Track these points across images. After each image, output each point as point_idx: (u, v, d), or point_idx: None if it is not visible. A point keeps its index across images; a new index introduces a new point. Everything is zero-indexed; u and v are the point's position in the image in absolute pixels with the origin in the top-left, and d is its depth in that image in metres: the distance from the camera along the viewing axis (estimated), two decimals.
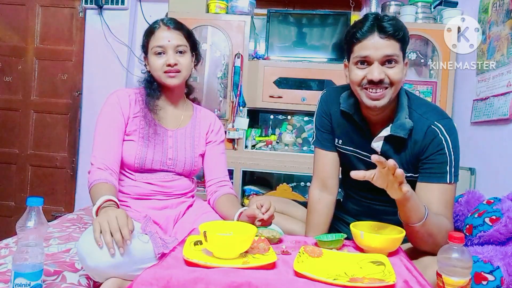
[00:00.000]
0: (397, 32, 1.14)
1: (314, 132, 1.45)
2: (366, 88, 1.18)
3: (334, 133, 1.38)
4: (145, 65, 1.41)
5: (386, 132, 1.23)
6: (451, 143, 1.19)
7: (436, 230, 1.10)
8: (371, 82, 1.16)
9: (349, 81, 1.26)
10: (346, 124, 1.34)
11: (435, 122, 1.20)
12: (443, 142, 1.18)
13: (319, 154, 1.42)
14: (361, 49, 1.16)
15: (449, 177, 1.18)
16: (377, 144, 1.26)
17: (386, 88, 1.17)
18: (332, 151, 1.40)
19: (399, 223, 1.14)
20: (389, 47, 1.14)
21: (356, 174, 1.04)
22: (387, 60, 1.15)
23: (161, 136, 1.37)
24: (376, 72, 1.14)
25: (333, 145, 1.39)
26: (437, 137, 1.19)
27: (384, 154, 1.25)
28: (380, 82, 1.15)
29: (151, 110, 1.35)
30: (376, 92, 1.16)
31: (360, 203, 1.40)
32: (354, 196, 1.42)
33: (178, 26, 1.36)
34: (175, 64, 1.32)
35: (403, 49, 1.19)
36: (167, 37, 1.32)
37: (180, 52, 1.34)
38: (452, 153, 1.18)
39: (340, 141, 1.36)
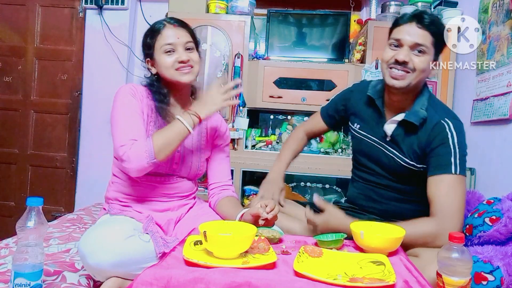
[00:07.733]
0: (433, 26, 1.25)
1: (328, 101, 1.64)
2: (391, 68, 1.27)
3: (349, 118, 1.52)
4: (148, 68, 1.37)
5: (400, 117, 1.32)
6: (457, 139, 1.23)
7: (417, 241, 1.16)
8: (396, 61, 1.26)
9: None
10: (367, 109, 1.44)
11: (445, 119, 1.26)
12: (448, 136, 1.24)
13: (318, 118, 1.63)
14: (397, 33, 1.28)
15: (453, 168, 1.20)
16: (389, 127, 1.34)
17: (408, 72, 1.25)
18: (325, 123, 1.62)
19: (402, 210, 1.23)
20: (422, 36, 1.24)
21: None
22: (417, 49, 1.25)
23: None
24: (402, 54, 1.25)
25: (329, 122, 1.61)
26: (443, 131, 1.24)
27: (394, 138, 1.34)
28: (404, 63, 1.25)
29: (163, 117, 1.31)
30: (398, 71, 1.25)
31: (364, 186, 1.45)
32: (359, 180, 1.48)
33: (183, 24, 1.36)
34: (188, 60, 1.30)
35: (436, 47, 1.27)
36: (175, 35, 1.30)
37: (189, 49, 1.32)
38: (456, 147, 1.22)
39: (358, 126, 1.46)
